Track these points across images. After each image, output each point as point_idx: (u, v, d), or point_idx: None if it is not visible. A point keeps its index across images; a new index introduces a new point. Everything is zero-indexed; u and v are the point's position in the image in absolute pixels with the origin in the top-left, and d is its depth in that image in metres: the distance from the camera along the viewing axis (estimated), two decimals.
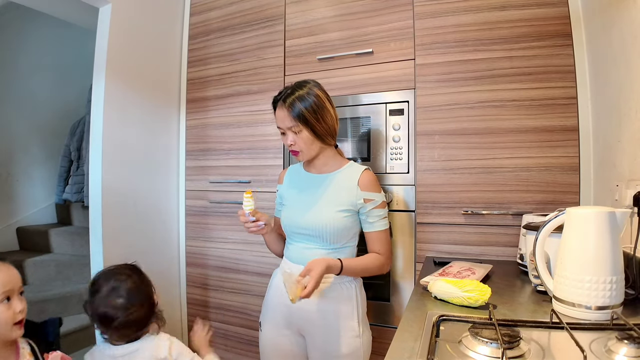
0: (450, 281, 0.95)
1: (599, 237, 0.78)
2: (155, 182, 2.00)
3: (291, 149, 1.24)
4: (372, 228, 1.24)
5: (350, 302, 1.23)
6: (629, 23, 1.07)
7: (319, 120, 1.19)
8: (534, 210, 1.38)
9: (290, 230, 1.29)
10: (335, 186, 1.26)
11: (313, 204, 1.25)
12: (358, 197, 1.23)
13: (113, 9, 1.73)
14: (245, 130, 1.92)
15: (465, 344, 0.67)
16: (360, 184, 1.23)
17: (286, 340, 1.28)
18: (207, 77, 2.03)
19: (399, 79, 1.61)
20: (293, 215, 1.28)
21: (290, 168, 1.40)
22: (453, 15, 1.52)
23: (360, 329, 1.22)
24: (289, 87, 1.23)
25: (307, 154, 1.24)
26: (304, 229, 1.24)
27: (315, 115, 1.18)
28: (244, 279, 1.91)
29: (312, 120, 1.18)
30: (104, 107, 1.71)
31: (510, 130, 1.44)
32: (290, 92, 1.20)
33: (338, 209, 1.22)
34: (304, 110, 1.17)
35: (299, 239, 1.27)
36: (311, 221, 1.23)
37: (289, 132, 1.21)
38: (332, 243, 1.23)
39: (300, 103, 1.18)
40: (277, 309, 1.29)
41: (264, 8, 1.89)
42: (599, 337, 0.70)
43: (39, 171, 3.05)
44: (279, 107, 1.21)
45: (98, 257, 1.70)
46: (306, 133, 1.19)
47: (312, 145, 1.22)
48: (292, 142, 1.22)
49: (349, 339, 1.20)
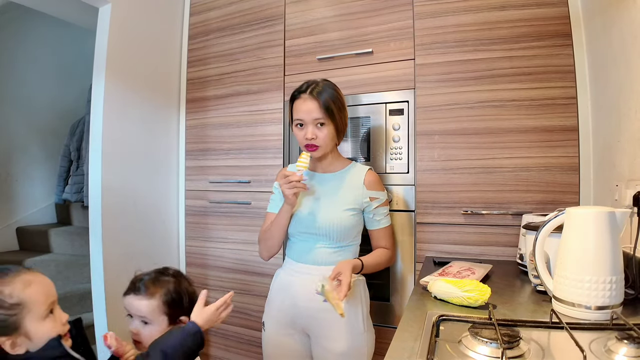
0: (450, 281, 0.95)
1: (598, 237, 0.78)
2: (155, 182, 2.00)
3: (310, 143, 1.23)
4: (379, 225, 1.31)
5: (355, 300, 1.24)
6: (629, 23, 1.07)
7: (342, 119, 1.25)
8: (534, 210, 1.38)
9: (294, 228, 1.29)
10: (342, 185, 1.28)
11: (320, 203, 1.27)
12: (364, 196, 1.27)
13: (113, 8, 1.73)
14: (244, 130, 1.92)
15: (465, 343, 0.67)
16: (366, 183, 1.28)
17: (291, 340, 1.28)
18: (207, 77, 2.03)
19: (399, 79, 1.61)
20: (300, 214, 1.27)
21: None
22: (453, 15, 1.52)
23: (364, 327, 1.24)
24: (312, 81, 1.25)
25: (324, 149, 1.25)
26: (311, 227, 1.25)
27: (340, 113, 1.24)
28: (244, 278, 1.91)
29: (337, 115, 1.23)
30: (104, 107, 1.71)
31: (510, 130, 1.44)
32: (317, 86, 1.22)
33: (345, 208, 1.25)
34: (332, 104, 1.20)
35: (304, 237, 1.28)
36: (319, 220, 1.24)
37: (311, 125, 1.21)
38: (338, 241, 1.24)
39: (329, 97, 1.21)
40: (282, 308, 1.29)
41: (264, 8, 1.89)
42: (599, 337, 0.70)
43: (38, 171, 3.05)
44: (306, 99, 1.21)
45: (98, 257, 1.70)
46: (331, 128, 1.22)
47: (331, 141, 1.25)
48: (313, 136, 1.21)
49: (354, 336, 1.21)
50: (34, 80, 2.99)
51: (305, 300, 1.21)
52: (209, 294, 2.05)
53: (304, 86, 1.25)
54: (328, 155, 1.30)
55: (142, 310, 1.00)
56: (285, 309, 1.28)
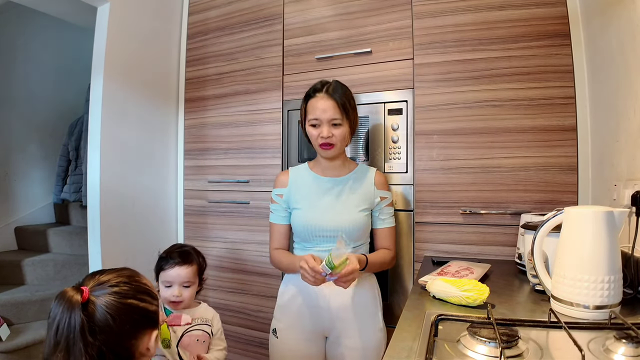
0: (449, 280, 0.95)
1: (597, 237, 0.78)
2: (153, 181, 1.99)
3: (326, 141, 1.23)
4: (384, 224, 1.32)
5: (373, 297, 1.29)
6: (627, 23, 1.07)
7: (355, 119, 1.27)
8: (532, 210, 1.38)
9: (310, 233, 1.26)
10: (355, 186, 1.30)
11: (336, 205, 1.28)
12: (375, 196, 1.30)
13: (111, 8, 1.73)
14: (243, 130, 1.92)
15: (464, 343, 0.67)
16: (376, 182, 1.31)
17: (309, 344, 1.27)
18: (206, 77, 2.03)
19: (398, 79, 1.61)
20: (314, 217, 1.26)
21: (292, 170, 1.37)
22: (451, 15, 1.52)
23: (382, 323, 1.28)
24: (326, 81, 1.26)
25: (339, 149, 1.27)
26: (327, 230, 1.25)
27: (354, 114, 1.26)
28: (243, 278, 1.91)
29: (353, 118, 1.25)
30: (102, 106, 1.70)
31: (509, 130, 1.44)
32: (340, 89, 1.24)
33: (360, 208, 1.27)
34: (347, 103, 1.22)
35: (318, 241, 1.27)
36: (336, 222, 1.24)
37: (327, 124, 1.22)
38: (353, 242, 1.26)
39: (348, 101, 1.23)
40: (302, 313, 1.27)
41: (263, 7, 1.89)
42: (597, 337, 0.70)
43: (37, 171, 3.04)
44: (322, 98, 1.23)
45: (96, 256, 1.70)
46: (346, 127, 1.24)
47: (344, 141, 1.27)
48: (329, 135, 1.23)
49: (376, 332, 1.26)
50: (32, 80, 2.98)
51: (328, 300, 1.23)
52: (208, 294, 2.05)
53: (319, 85, 1.26)
54: (340, 157, 1.32)
55: (188, 275, 1.23)
56: (306, 313, 1.26)
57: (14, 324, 2.16)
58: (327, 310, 1.24)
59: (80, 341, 0.66)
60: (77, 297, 0.69)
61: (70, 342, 0.66)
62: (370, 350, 1.23)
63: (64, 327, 0.66)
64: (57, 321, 0.67)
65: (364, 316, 1.25)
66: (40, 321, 2.23)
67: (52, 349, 0.66)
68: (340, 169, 1.33)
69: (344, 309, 1.23)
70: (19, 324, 2.17)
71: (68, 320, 0.66)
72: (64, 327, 0.66)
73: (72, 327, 0.66)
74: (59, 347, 0.66)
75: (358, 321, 1.23)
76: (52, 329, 0.67)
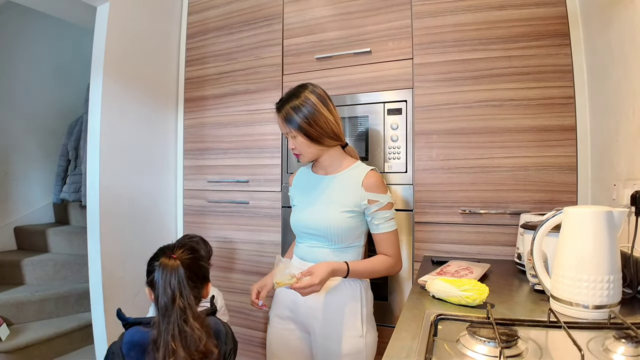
0: (448, 280, 0.95)
1: (596, 237, 0.78)
2: (153, 181, 1.99)
3: (293, 152, 1.29)
4: (378, 230, 1.23)
5: (354, 301, 1.23)
6: (627, 23, 1.07)
7: (312, 126, 1.21)
8: (532, 210, 1.39)
9: (298, 229, 1.32)
10: (340, 187, 1.26)
11: (318, 205, 1.27)
12: (362, 198, 1.22)
13: (111, 7, 1.73)
14: (243, 130, 1.92)
15: (463, 343, 0.67)
16: (364, 184, 1.22)
17: (293, 336, 1.29)
18: (205, 77, 2.03)
19: (397, 79, 1.61)
20: (300, 215, 1.31)
21: (300, 170, 1.41)
22: (451, 14, 1.52)
23: (363, 329, 1.22)
24: (286, 94, 1.27)
25: (306, 157, 1.28)
26: (310, 228, 1.26)
27: (307, 121, 1.21)
28: (243, 278, 1.91)
29: (305, 126, 1.21)
30: (102, 106, 1.70)
31: (508, 130, 1.44)
32: (285, 101, 1.24)
33: (342, 210, 1.23)
34: (296, 118, 1.21)
35: (306, 238, 1.30)
36: (316, 221, 1.25)
37: (288, 137, 1.26)
38: (337, 243, 1.24)
39: (293, 111, 1.22)
40: (283, 303, 1.31)
41: (262, 7, 1.89)
42: (597, 336, 0.70)
43: (36, 171, 3.04)
44: (277, 114, 1.26)
45: (96, 256, 1.70)
46: (301, 138, 1.23)
47: (309, 148, 1.25)
48: (292, 146, 1.27)
49: (352, 338, 1.21)
50: (32, 80, 2.98)
51: (305, 298, 1.21)
52: None
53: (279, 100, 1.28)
54: (323, 158, 1.29)
55: None
56: (288, 305, 1.29)
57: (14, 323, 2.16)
58: (304, 307, 1.25)
59: (187, 286, 0.98)
60: (175, 262, 0.99)
61: (182, 287, 0.97)
62: (346, 357, 1.19)
63: (175, 281, 0.97)
64: (168, 279, 0.97)
65: (338, 320, 1.21)
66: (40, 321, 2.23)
67: (171, 298, 0.96)
68: (328, 168, 1.31)
69: (317, 309, 1.23)
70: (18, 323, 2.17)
71: (177, 275, 0.98)
72: (175, 281, 0.97)
73: (181, 278, 0.98)
74: (175, 294, 0.96)
75: (331, 324, 1.22)
76: (167, 286, 0.96)
